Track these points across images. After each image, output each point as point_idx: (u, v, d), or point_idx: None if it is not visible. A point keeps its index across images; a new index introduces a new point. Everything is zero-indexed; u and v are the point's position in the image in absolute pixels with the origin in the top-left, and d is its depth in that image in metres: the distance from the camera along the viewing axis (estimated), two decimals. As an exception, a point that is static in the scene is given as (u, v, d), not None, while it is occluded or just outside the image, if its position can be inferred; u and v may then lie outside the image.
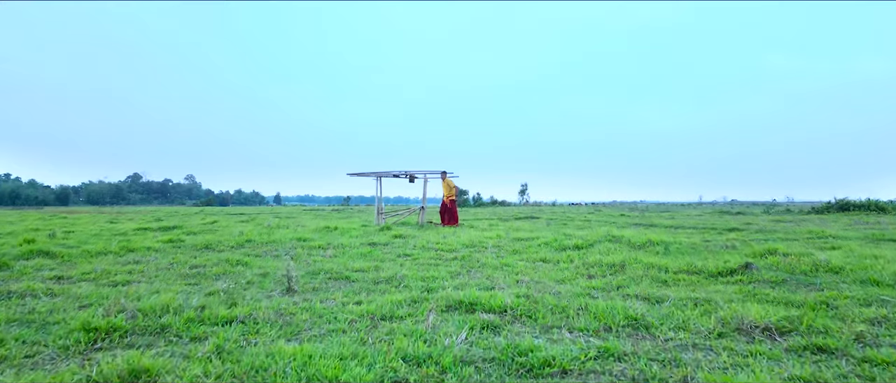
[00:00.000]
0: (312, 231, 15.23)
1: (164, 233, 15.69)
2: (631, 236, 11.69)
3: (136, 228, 17.38)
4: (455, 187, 17.19)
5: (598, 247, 9.72)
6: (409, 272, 7.30)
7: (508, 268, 7.74)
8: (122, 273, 7.48)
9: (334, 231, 15.22)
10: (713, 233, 15.03)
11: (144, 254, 10.00)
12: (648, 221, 23.61)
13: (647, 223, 21.94)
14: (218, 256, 9.34)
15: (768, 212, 32.69)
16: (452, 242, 11.23)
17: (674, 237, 11.76)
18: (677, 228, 18.98)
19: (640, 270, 7.02)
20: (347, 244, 11.23)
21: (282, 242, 11.62)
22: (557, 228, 19.20)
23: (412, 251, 10.11)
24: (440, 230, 15.38)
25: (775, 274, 6.54)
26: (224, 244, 11.35)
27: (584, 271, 7.27)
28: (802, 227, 18.28)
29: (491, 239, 12.02)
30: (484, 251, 10.01)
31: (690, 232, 15.96)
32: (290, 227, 17.38)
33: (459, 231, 15.01)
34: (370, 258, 9.21)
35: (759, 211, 39.10)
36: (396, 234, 13.44)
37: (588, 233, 13.44)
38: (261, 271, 7.56)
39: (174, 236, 12.95)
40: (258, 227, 17.33)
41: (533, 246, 10.42)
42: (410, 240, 12.42)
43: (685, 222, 22.41)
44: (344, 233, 14.46)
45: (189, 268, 7.79)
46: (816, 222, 21.43)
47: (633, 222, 23.53)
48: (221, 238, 12.80)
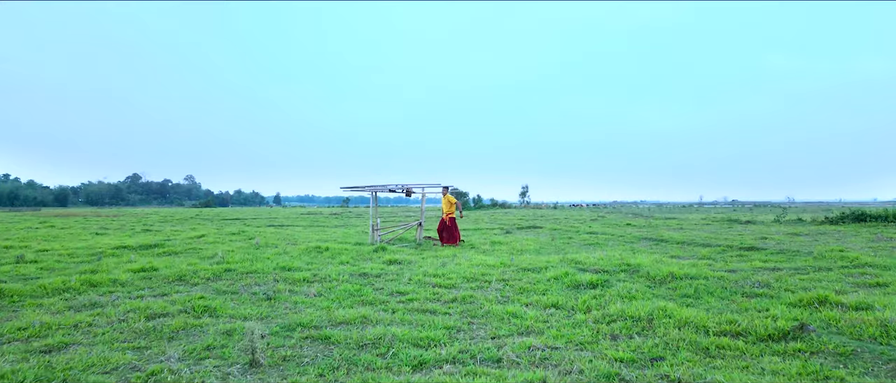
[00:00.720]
0: (301, 253, 14.16)
1: (142, 253, 14.61)
2: (648, 266, 10.61)
3: (115, 246, 16.30)
4: (456, 203, 16.08)
5: (615, 286, 8.63)
6: (400, 330, 6.22)
7: (516, 321, 6.66)
8: (64, 328, 6.40)
9: (324, 252, 14.14)
10: (733, 256, 13.95)
11: (107, 290, 8.93)
12: (657, 234, 22.54)
13: (657, 237, 20.86)
14: (187, 296, 8.27)
15: (779, 220, 31.61)
16: (452, 274, 10.14)
17: (695, 268, 10.67)
18: (690, 244, 17.90)
19: (673, 330, 5.93)
20: (336, 276, 10.15)
21: (264, 273, 10.53)
22: (563, 243, 18.14)
23: (407, 287, 9.03)
24: (439, 252, 14.30)
25: (839, 340, 5.47)
26: (200, 275, 10.27)
27: (606, 328, 6.19)
28: (824, 244, 17.20)
29: (494, 268, 10.94)
30: (487, 288, 8.93)
31: (707, 252, 14.88)
32: (279, 246, 16.30)
33: (459, 253, 13.93)
34: (359, 299, 8.13)
35: (768, 218, 37.97)
36: (391, 259, 12.36)
37: (599, 257, 12.36)
38: (228, 326, 6.48)
39: (149, 263, 11.86)
40: (245, 246, 16.26)
41: (541, 281, 9.33)
42: (406, 267, 11.34)
43: (696, 236, 21.33)
44: (335, 256, 13.38)
45: (146, 321, 6.71)
46: (835, 236, 20.35)
47: (640, 235, 22.45)
48: (200, 264, 11.73)
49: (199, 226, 29.80)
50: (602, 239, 20.79)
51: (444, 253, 13.74)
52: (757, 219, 33.69)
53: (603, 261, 11.63)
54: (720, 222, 32.78)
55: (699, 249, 16.03)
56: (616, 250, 15.00)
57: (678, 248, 16.70)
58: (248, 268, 11.00)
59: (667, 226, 29.27)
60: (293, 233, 24.22)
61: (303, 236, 22.22)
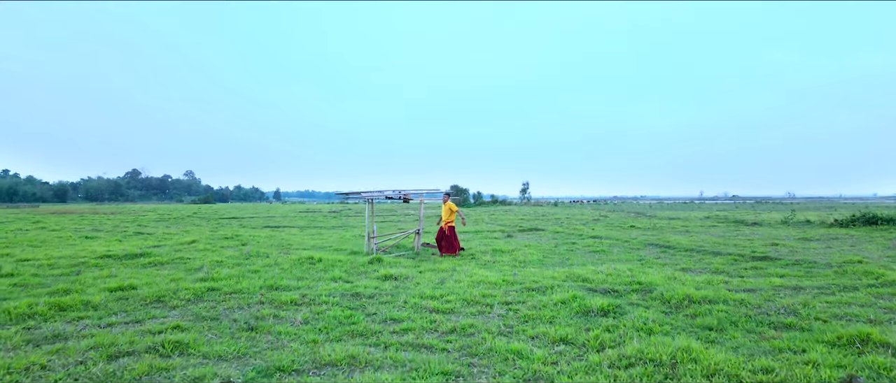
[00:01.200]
0: (292, 264, 13.43)
1: (126, 264, 13.89)
2: (661, 286, 9.89)
3: (100, 255, 15.59)
4: (457, 211, 15.33)
5: (629, 314, 7.90)
6: (390, 376, 5.51)
7: (522, 363, 5.94)
8: (14, 374, 5.69)
9: (317, 264, 13.42)
10: (747, 267, 13.23)
11: (77, 315, 8.22)
12: (663, 239, 21.82)
13: (663, 242, 20.14)
14: (161, 325, 7.57)
15: (787, 222, 30.86)
16: (451, 295, 9.43)
17: (711, 286, 9.95)
18: (698, 251, 17.20)
19: (702, 380, 5.21)
20: (326, 297, 9.43)
21: (249, 293, 9.81)
22: (566, 251, 17.44)
23: (402, 312, 8.32)
24: (438, 264, 13.58)
25: (895, 398, 4.76)
26: (181, 295, 9.55)
27: (624, 375, 5.46)
28: (839, 252, 16.49)
29: (496, 287, 10.22)
30: (488, 314, 8.21)
31: (719, 263, 14.16)
32: (271, 255, 15.58)
33: (459, 266, 13.21)
34: (349, 330, 7.42)
35: (775, 218, 37.20)
36: (386, 274, 11.64)
37: (607, 273, 11.65)
38: (198, 370, 5.76)
39: (129, 279, 11.16)
40: (235, 255, 15.54)
41: (547, 305, 8.61)
42: (402, 285, 10.63)
43: (704, 241, 20.62)
44: (328, 269, 12.67)
45: (106, 363, 5.99)
46: (849, 243, 19.63)
47: (646, 239, 21.73)
48: (183, 281, 11.02)
49: (192, 229, 29.10)
50: (606, 244, 20.08)
51: (443, 265, 13.02)
52: (763, 220, 32.98)
53: (612, 278, 10.92)
54: (726, 224, 32.06)
55: (710, 259, 15.32)
56: (623, 262, 14.29)
57: (687, 257, 15.99)
58: (234, 286, 10.28)
59: (672, 228, 28.56)
60: (288, 237, 23.51)
61: (297, 241, 21.51)
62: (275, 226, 33.77)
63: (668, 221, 36.28)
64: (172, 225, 37.61)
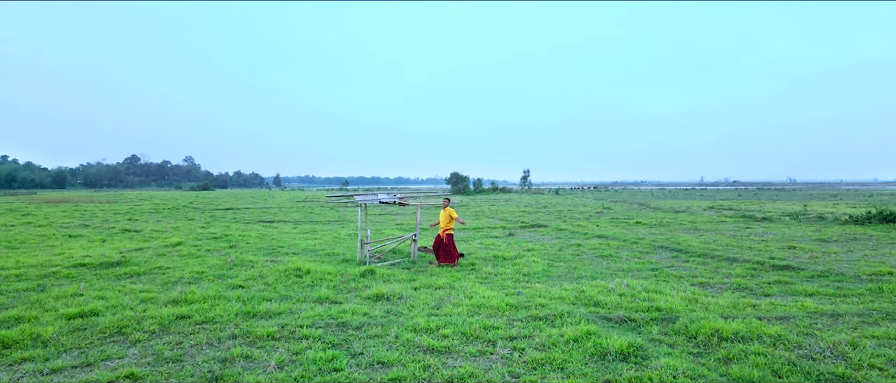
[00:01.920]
0: (278, 278, 12.39)
1: (99, 276, 12.85)
2: (683, 313, 8.85)
3: (74, 264, 14.57)
4: (457, 219, 14.24)
5: (654, 361, 6.85)
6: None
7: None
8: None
9: (304, 277, 12.38)
10: (771, 282, 12.17)
11: (19, 356, 7.21)
12: (672, 240, 20.78)
13: (673, 245, 19.12)
14: (114, 371, 6.56)
15: (798, 218, 29.78)
16: (448, 326, 8.38)
17: (739, 315, 8.91)
18: (713, 257, 16.17)
19: None
20: (309, 327, 8.39)
21: (223, 321, 8.77)
22: (572, 257, 16.41)
23: (391, 353, 7.28)
24: (434, 279, 12.52)
25: None
26: (145, 325, 8.52)
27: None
28: (863, 257, 15.46)
29: (499, 313, 9.16)
30: (491, 356, 7.18)
31: (739, 275, 13.13)
32: (257, 264, 14.53)
33: (458, 280, 12.16)
34: (328, 376, 6.40)
35: (785, 209, 36.12)
36: (378, 293, 10.59)
37: (620, 293, 10.61)
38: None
39: (91, 301, 10.14)
40: (218, 264, 14.49)
41: (558, 343, 7.56)
42: (394, 310, 9.58)
43: (716, 243, 19.59)
44: (315, 285, 11.63)
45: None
46: (870, 245, 18.60)
47: (654, 239, 20.70)
48: (152, 304, 9.99)
49: (182, 225, 28.04)
50: (613, 246, 19.05)
51: (441, 280, 11.97)
52: (772, 215, 31.90)
53: (626, 301, 9.88)
54: (734, 219, 31.00)
55: (727, 268, 14.29)
56: (635, 273, 13.24)
57: (702, 265, 14.96)
58: (207, 312, 9.23)
59: (679, 225, 27.52)
60: (280, 236, 22.47)
61: (289, 242, 20.47)
62: (268, 221, 32.74)
63: (674, 216, 35.22)
64: (165, 218, 36.56)
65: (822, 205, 55.79)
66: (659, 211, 41.21)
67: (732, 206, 54.48)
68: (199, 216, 38.26)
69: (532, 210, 42.87)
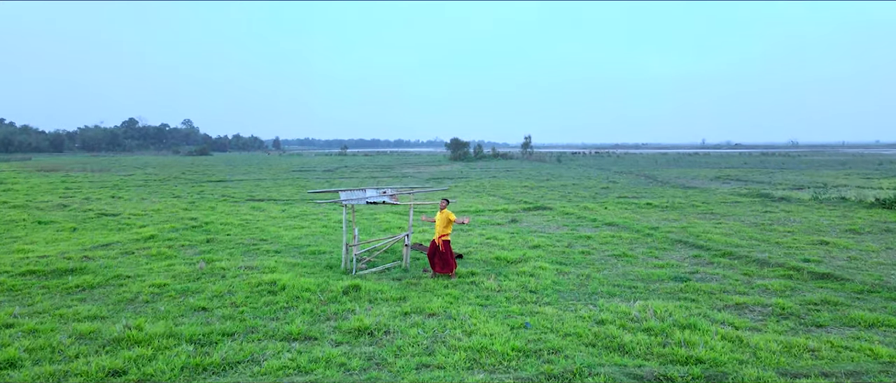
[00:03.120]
0: (247, 295, 10.75)
1: (45, 288, 11.22)
2: (731, 369, 7.24)
3: (21, 272, 12.96)
4: (457, 220, 12.47)
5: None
6: None
7: None
8: None
9: (280, 294, 10.76)
10: (816, 303, 10.52)
11: None
12: (690, 230, 19.16)
13: (693, 239, 17.50)
14: None
15: (818, 198, 28.03)
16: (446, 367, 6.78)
17: (802, 378, 7.30)
18: (739, 258, 14.55)
19: None
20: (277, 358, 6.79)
21: (168, 375, 7.16)
22: (582, 258, 14.79)
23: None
24: (428, 302, 10.86)
25: None
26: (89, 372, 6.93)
27: None
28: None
29: (504, 362, 7.54)
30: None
31: (778, 293, 11.51)
32: (228, 273, 12.90)
33: (455, 305, 10.53)
34: None
35: (796, 185, 34.35)
36: (360, 326, 8.96)
37: (649, 330, 8.98)
38: None
39: (12, 345, 8.54)
40: (185, 272, 12.85)
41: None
42: (378, 355, 7.96)
43: (739, 235, 17.95)
44: (289, 308, 10.02)
45: None
46: (909, 241, 16.95)
47: (670, 231, 19.09)
48: (91, 342, 8.38)
49: (163, 208, 26.34)
50: (626, 240, 17.42)
51: (435, 303, 10.31)
52: (792, 196, 30.17)
53: (657, 342, 8.26)
54: (750, 199, 29.29)
55: (758, 273, 12.67)
56: (657, 288, 11.58)
57: (730, 271, 13.34)
58: (147, 364, 7.60)
59: (692, 207, 25.86)
60: (266, 224, 20.84)
61: (274, 232, 18.84)
62: (258, 199, 31.05)
63: (685, 194, 33.52)
64: (152, 193, 34.90)
65: (833, 175, 54.05)
66: (667, 186, 39.51)
67: (740, 177, 52.77)
68: (187, 191, 36.58)
69: (534, 184, 41.16)
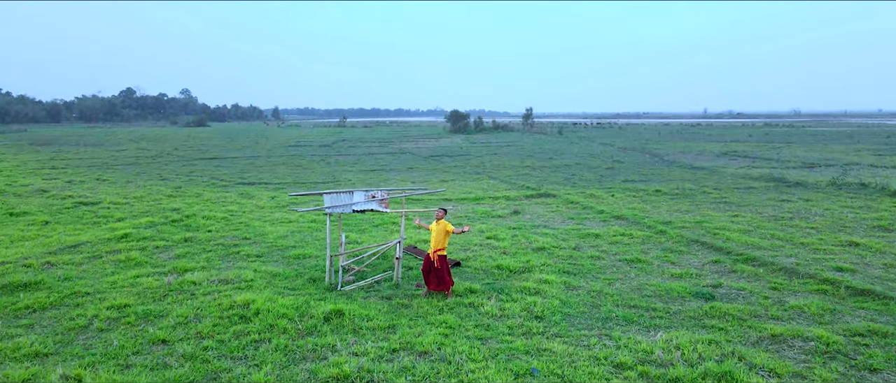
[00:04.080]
0: (214, 323, 9.46)
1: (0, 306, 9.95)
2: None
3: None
4: (455, 231, 11.07)
5: None
6: None
7: None
8: None
9: (252, 322, 9.47)
10: (860, 326, 9.22)
11: None
12: (706, 225, 17.86)
13: (710, 239, 16.22)
14: None
15: (837, 185, 26.58)
16: None
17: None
18: (765, 265, 13.26)
19: None
20: None
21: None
22: (592, 264, 13.51)
23: None
24: (419, 336, 9.58)
25: None
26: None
27: None
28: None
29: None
30: None
31: (814, 315, 10.22)
32: (198, 291, 11.61)
33: (450, 341, 9.24)
34: None
35: (805, 163, 32.88)
36: (337, 373, 7.69)
37: (669, 360, 7.71)
38: None
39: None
40: (150, 290, 11.56)
41: None
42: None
43: (758, 231, 16.64)
44: (260, 343, 8.75)
45: None
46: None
47: (683, 224, 17.80)
48: None
49: (145, 195, 24.95)
50: (637, 239, 16.12)
51: (428, 336, 9.00)
52: (807, 180, 28.75)
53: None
54: (764, 184, 27.90)
55: (788, 288, 11.39)
56: (678, 312, 10.28)
57: (756, 284, 12.07)
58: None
59: (704, 194, 24.52)
60: (251, 218, 19.52)
61: (259, 229, 17.52)
62: (249, 183, 29.70)
63: (693, 175, 32.12)
64: (139, 173, 33.53)
65: (842, 150, 52.55)
66: (674, 166, 38.08)
67: (747, 153, 51.27)
68: (177, 171, 35.16)
69: (536, 164, 39.73)
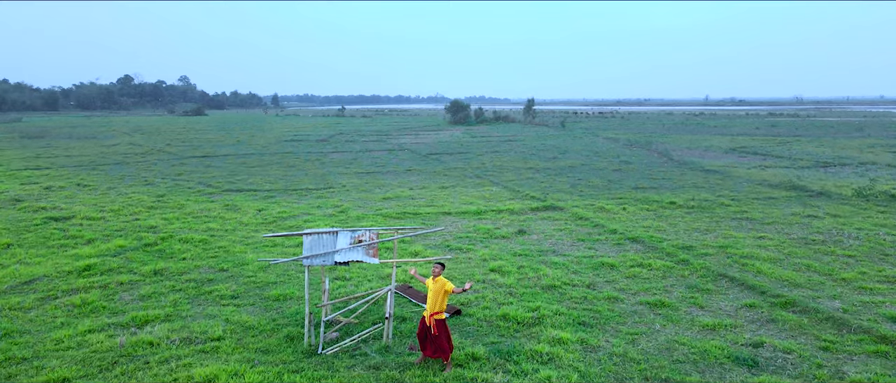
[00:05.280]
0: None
1: None
2: None
3: None
4: (454, 291, 9.36)
5: None
6: None
7: None
8: None
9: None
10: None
11: None
12: (731, 247, 16.23)
13: (738, 274, 14.61)
14: None
15: (864, 195, 24.80)
16: None
17: None
18: (807, 313, 11.67)
19: None
20: None
21: None
22: (607, 305, 11.89)
23: None
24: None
25: None
26: None
27: None
28: None
29: None
30: None
31: (872, 369, 8.62)
32: (156, 352, 9.98)
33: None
34: None
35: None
36: None
37: None
38: None
39: None
40: (95, 357, 9.93)
41: None
42: None
43: (791, 263, 15.02)
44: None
45: None
46: None
47: (706, 252, 16.20)
48: None
49: (123, 208, 23.22)
50: (660, 273, 14.49)
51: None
52: (830, 189, 27.04)
53: None
54: (785, 194, 26.19)
55: (840, 346, 9.78)
56: None
57: (800, 336, 10.52)
58: None
59: (722, 206, 22.87)
60: (233, 241, 17.90)
61: (239, 255, 15.91)
62: (237, 190, 28.00)
63: (706, 181, 30.39)
64: (127, 174, 31.80)
65: (855, 146, 50.77)
66: (684, 168, 36.33)
67: (757, 148, 49.53)
68: (163, 174, 33.39)
69: (540, 165, 37.98)
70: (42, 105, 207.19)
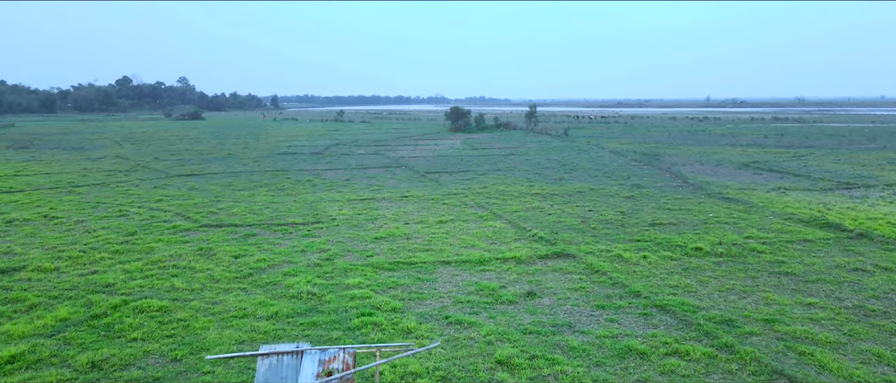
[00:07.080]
0: None
1: None
2: None
3: None
4: None
5: None
6: None
7: None
8: None
9: None
10: None
11: None
12: (766, 307, 13.79)
13: (792, 362, 12.19)
14: None
15: None
16: None
17: None
18: None
19: None
20: None
21: None
22: None
23: None
24: None
25: None
26: None
27: None
28: None
29: None
30: None
31: None
32: None
33: None
34: None
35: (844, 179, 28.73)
36: None
37: None
38: None
39: None
40: None
41: None
42: None
43: (860, 354, 12.58)
44: None
45: None
46: None
47: (751, 331, 13.76)
48: None
49: (84, 255, 20.69)
50: (697, 355, 12.08)
51: None
52: (871, 230, 24.56)
53: None
54: (822, 236, 23.73)
55: None
56: None
57: None
58: None
59: (758, 260, 20.43)
60: (197, 311, 15.49)
61: (199, 335, 13.49)
62: (216, 225, 25.55)
63: (729, 213, 27.92)
64: (102, 201, 29.25)
65: (875, 161, 48.38)
66: (700, 194, 33.84)
67: (772, 164, 47.20)
68: (141, 201, 30.86)
69: (546, 190, 35.48)
70: (39, 107, 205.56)
